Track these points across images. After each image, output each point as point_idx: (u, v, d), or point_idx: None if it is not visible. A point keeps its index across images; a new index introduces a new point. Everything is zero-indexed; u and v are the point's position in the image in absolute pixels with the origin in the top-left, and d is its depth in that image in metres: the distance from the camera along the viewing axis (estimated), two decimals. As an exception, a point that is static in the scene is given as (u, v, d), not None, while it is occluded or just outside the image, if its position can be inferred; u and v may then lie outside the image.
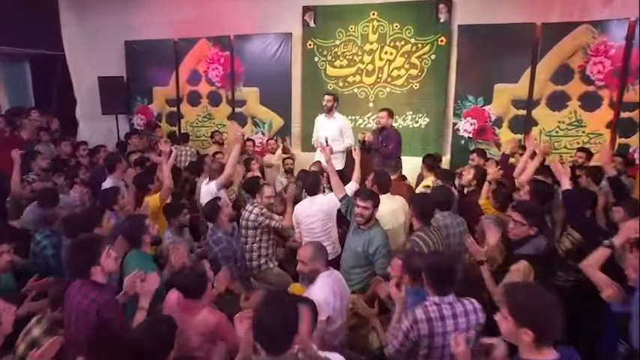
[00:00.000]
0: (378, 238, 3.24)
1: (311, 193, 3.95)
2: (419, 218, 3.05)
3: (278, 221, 3.95)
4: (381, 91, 6.54)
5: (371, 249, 3.23)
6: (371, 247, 3.23)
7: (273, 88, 6.85)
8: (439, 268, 2.21)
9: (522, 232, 2.60)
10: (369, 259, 3.26)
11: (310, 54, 6.66)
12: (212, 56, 6.99)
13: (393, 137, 5.30)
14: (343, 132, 5.47)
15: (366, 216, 3.28)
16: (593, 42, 5.54)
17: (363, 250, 3.26)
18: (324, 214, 3.87)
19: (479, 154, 5.21)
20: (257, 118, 7.10)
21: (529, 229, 2.59)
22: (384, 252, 3.21)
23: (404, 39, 6.27)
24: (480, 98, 6.07)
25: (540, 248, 2.56)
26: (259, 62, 6.83)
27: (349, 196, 3.67)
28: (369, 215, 3.27)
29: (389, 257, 3.23)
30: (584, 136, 5.81)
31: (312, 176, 4.04)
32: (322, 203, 3.88)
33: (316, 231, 3.89)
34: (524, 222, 2.59)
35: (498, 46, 5.87)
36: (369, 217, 3.28)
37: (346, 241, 3.51)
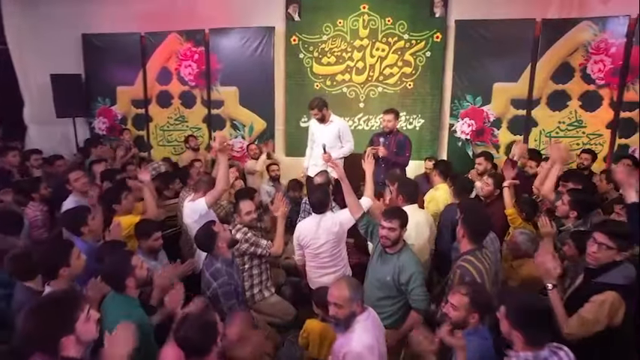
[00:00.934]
0: (411, 265, 2.77)
1: (318, 210, 3.42)
2: (471, 239, 2.59)
3: (265, 248, 3.41)
4: (372, 91, 6.09)
5: (403, 278, 2.76)
6: (403, 275, 2.76)
7: (254, 87, 6.25)
8: (533, 312, 1.76)
9: (608, 257, 2.20)
10: (401, 290, 2.79)
11: (295, 50, 6.11)
12: (184, 52, 6.29)
13: (407, 143, 4.84)
14: (342, 136, 4.96)
15: (392, 238, 2.81)
16: (594, 39, 5.34)
17: (393, 279, 2.78)
18: (334, 237, 3.36)
19: (486, 157, 4.88)
20: (236, 121, 6.46)
21: (616, 254, 2.19)
22: (419, 280, 2.75)
23: (397, 35, 5.85)
24: (478, 98, 5.75)
25: (630, 277, 2.16)
26: (238, 59, 6.21)
27: (369, 216, 3.18)
28: (396, 237, 2.81)
29: (424, 286, 2.78)
30: (585, 137, 5.61)
31: (320, 191, 3.50)
32: (332, 224, 3.36)
33: (324, 256, 3.38)
34: (612, 245, 2.18)
35: (497, 43, 5.56)
36: (396, 239, 2.82)
37: (370, 267, 3.02)
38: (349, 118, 6.20)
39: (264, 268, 3.58)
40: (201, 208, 3.46)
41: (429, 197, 4.26)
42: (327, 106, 4.92)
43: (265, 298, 3.54)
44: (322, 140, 4.92)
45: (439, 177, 4.28)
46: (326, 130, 4.97)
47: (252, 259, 3.47)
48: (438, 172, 4.26)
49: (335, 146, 4.96)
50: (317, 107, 4.84)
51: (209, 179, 3.79)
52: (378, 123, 6.12)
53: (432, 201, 4.18)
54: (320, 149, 4.92)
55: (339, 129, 4.96)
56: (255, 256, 3.43)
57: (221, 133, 4.18)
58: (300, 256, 3.56)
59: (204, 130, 6.56)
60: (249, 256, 3.44)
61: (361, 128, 6.18)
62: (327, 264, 3.37)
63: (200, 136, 6.49)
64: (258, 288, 3.52)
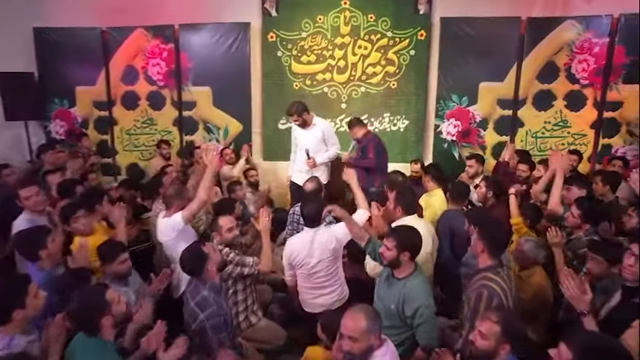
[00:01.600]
0: (419, 295, 2.41)
1: (312, 224, 3.09)
2: (492, 254, 2.33)
3: (252, 267, 3.06)
4: (354, 91, 5.81)
5: (408, 309, 2.40)
6: (408, 306, 2.40)
7: (229, 87, 5.84)
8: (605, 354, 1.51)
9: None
10: (406, 322, 2.46)
11: (272, 48, 5.75)
12: (152, 50, 5.79)
13: (369, 145, 4.62)
14: (326, 139, 4.66)
15: (387, 258, 2.51)
16: (578, 39, 5.28)
17: (398, 309, 2.44)
18: (330, 254, 3.04)
19: (477, 160, 4.71)
20: (210, 123, 6.03)
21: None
22: (426, 315, 2.39)
23: (380, 32, 5.60)
24: (464, 98, 5.59)
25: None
26: (211, 57, 5.77)
27: (373, 239, 2.87)
28: (391, 258, 2.49)
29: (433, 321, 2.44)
30: (570, 137, 5.56)
31: (313, 202, 3.17)
32: (328, 240, 3.04)
33: (319, 275, 3.06)
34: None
35: (483, 42, 5.41)
36: (393, 261, 2.50)
37: (376, 289, 2.72)
38: (331, 119, 5.88)
39: (250, 291, 3.21)
40: (178, 224, 3.06)
41: (424, 204, 4.01)
42: (308, 109, 4.60)
43: (252, 324, 3.18)
44: (306, 145, 4.61)
45: (433, 182, 4.05)
46: (309, 134, 4.65)
47: (237, 282, 3.10)
48: (431, 176, 4.02)
49: (320, 150, 4.66)
50: (296, 113, 4.52)
51: (181, 191, 3.36)
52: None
53: (428, 208, 3.93)
54: (303, 154, 4.61)
55: (323, 132, 4.66)
56: (242, 277, 3.07)
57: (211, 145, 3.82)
58: (291, 277, 3.20)
59: (174, 133, 6.08)
60: (234, 280, 3.07)
61: (343, 130, 5.87)
62: (323, 284, 3.05)
63: (171, 140, 6.01)
64: (244, 315, 3.15)
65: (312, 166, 4.54)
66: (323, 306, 3.06)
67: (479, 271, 2.35)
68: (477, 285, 2.27)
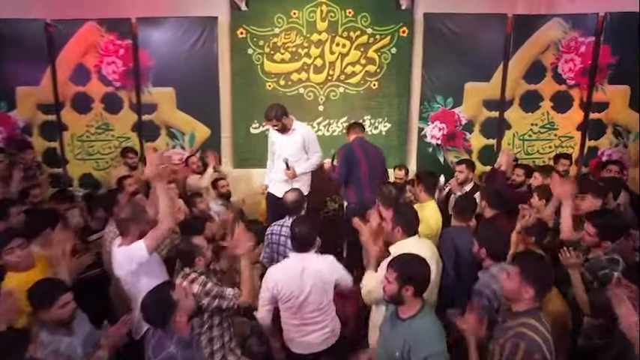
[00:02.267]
0: (429, 341, 1.99)
1: (303, 248, 2.64)
2: (537, 293, 1.93)
3: (232, 299, 2.57)
4: (332, 92, 5.39)
5: (415, 358, 1.97)
6: (415, 355, 1.97)
7: (195, 88, 5.27)
8: None
9: None
10: None
11: (242, 45, 5.24)
12: (105, 46, 5.15)
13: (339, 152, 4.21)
14: (307, 146, 4.21)
15: (387, 292, 2.10)
16: (565, 37, 5.08)
17: (402, 356, 2.01)
18: (322, 285, 2.59)
19: (468, 165, 4.40)
20: (174, 128, 5.44)
21: None
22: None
23: (359, 28, 5.20)
24: (449, 99, 5.28)
25: None
26: (174, 55, 5.19)
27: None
28: (392, 292, 2.08)
29: None
30: (556, 140, 5.36)
31: (307, 222, 2.70)
32: (323, 270, 2.60)
33: (310, 309, 2.60)
34: None
35: (468, 39, 5.12)
36: (394, 296, 2.09)
37: (380, 328, 2.29)
38: (308, 122, 5.40)
39: (227, 325, 2.73)
40: (139, 255, 2.54)
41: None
42: (287, 113, 4.14)
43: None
44: (284, 152, 4.15)
45: (425, 193, 3.67)
46: (288, 140, 4.19)
47: (213, 316, 2.61)
48: (424, 187, 3.64)
49: (300, 159, 4.21)
50: (275, 117, 4.05)
51: (138, 214, 2.81)
52: (341, 128, 5.45)
53: (421, 222, 3.55)
54: (282, 163, 4.16)
55: (304, 138, 4.21)
56: (220, 310, 2.59)
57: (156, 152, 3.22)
58: (268, 312, 2.67)
59: (134, 139, 5.45)
60: (210, 314, 2.59)
61: (321, 134, 5.46)
62: (315, 319, 2.60)
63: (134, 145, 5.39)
64: (220, 354, 2.67)
65: (292, 176, 4.09)
66: (313, 344, 2.62)
67: (514, 314, 1.95)
68: (512, 333, 1.88)
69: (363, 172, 4.08)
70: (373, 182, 3.93)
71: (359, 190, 4.08)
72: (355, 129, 4.29)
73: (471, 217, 3.38)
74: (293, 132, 4.16)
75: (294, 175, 4.07)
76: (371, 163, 4.11)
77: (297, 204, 3.38)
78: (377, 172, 4.13)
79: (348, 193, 4.21)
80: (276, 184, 4.27)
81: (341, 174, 4.09)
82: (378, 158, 4.24)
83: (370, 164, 4.11)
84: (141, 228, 2.68)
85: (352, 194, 4.12)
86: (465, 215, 3.33)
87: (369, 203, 3.80)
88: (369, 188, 3.99)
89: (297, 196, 3.40)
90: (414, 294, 2.07)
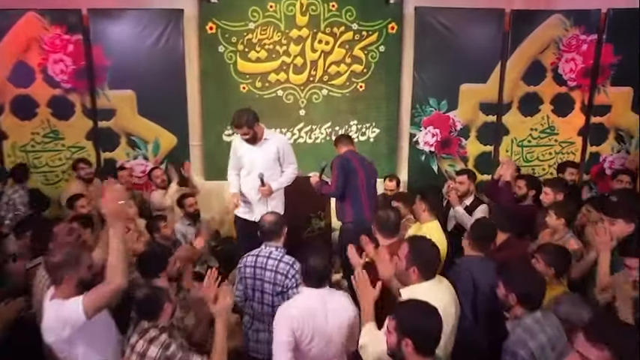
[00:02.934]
0: None
1: (319, 283, 2.17)
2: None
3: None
4: (315, 94, 4.85)
5: None
6: None
7: (158, 91, 4.63)
8: None
9: None
10: None
11: (212, 41, 4.63)
12: (51, 41, 4.44)
13: (334, 163, 3.63)
14: (282, 157, 3.62)
15: (389, 345, 1.69)
16: (566, 35, 4.69)
17: None
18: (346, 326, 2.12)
19: (470, 176, 3.94)
20: (135, 136, 4.78)
21: None
22: None
23: (344, 24, 4.68)
24: (443, 102, 4.82)
25: None
26: (134, 53, 4.54)
27: None
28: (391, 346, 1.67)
29: None
30: (557, 145, 4.98)
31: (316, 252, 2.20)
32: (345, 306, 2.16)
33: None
34: None
35: (464, 37, 4.68)
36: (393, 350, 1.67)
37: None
38: (287, 129, 4.90)
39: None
40: (74, 319, 1.91)
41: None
42: (258, 119, 3.53)
43: None
44: (256, 167, 3.54)
45: (428, 213, 3.17)
46: (259, 152, 3.56)
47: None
48: (428, 206, 3.13)
49: (274, 173, 3.61)
50: (247, 124, 3.41)
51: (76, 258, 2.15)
52: (324, 135, 4.92)
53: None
54: (253, 179, 3.56)
55: (279, 149, 3.60)
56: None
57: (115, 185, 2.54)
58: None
59: (89, 149, 4.76)
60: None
61: (302, 141, 4.92)
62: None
63: (87, 155, 4.71)
64: None
65: (268, 194, 3.51)
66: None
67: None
68: None
69: (361, 185, 3.54)
70: (372, 198, 3.42)
71: (357, 207, 3.54)
72: (344, 141, 3.76)
73: (490, 245, 2.88)
74: (265, 142, 3.55)
75: (270, 192, 3.50)
76: (369, 176, 3.58)
77: (277, 228, 2.82)
78: (373, 187, 3.61)
79: (344, 209, 3.65)
80: (247, 206, 3.66)
81: (338, 187, 3.54)
82: (374, 172, 3.73)
83: (368, 177, 3.58)
84: (80, 275, 2.06)
85: (349, 211, 3.57)
86: (483, 243, 2.82)
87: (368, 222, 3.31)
88: (368, 205, 3.47)
89: (275, 218, 2.83)
90: (414, 349, 1.59)
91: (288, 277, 2.64)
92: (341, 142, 3.81)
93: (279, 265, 2.66)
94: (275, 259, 2.70)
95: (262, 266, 2.70)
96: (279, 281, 2.65)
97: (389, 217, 2.68)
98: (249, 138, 3.46)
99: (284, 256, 2.72)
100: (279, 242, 2.79)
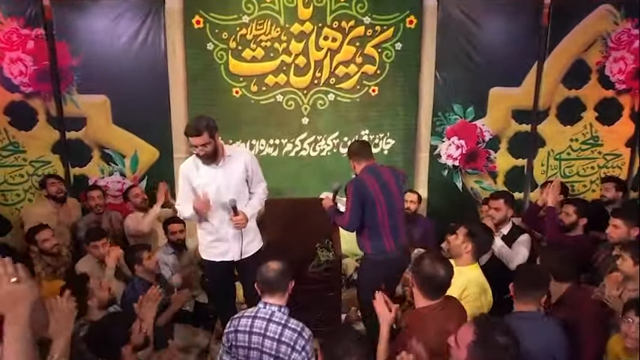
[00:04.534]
0: None
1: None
2: None
3: None
4: (320, 99, 4.16)
5: None
6: None
7: (136, 96, 3.95)
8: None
9: None
10: None
11: (200, 38, 3.94)
12: (6, 37, 3.76)
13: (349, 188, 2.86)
14: (251, 175, 2.92)
15: None
16: (615, 30, 4.02)
17: None
18: None
19: (506, 200, 3.28)
20: (109, 149, 4.09)
21: None
22: None
23: (354, 17, 3.99)
24: (470, 109, 4.14)
25: None
26: (106, 51, 3.85)
27: None
28: None
29: None
30: (601, 158, 4.30)
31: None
32: None
33: None
34: None
35: (494, 32, 4.01)
36: None
37: None
38: (288, 140, 4.22)
39: None
40: None
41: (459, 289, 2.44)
42: (217, 128, 2.78)
43: None
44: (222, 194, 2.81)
45: (472, 255, 2.50)
46: (223, 174, 2.83)
47: None
48: (475, 247, 2.46)
49: (242, 197, 2.90)
50: (207, 130, 2.63)
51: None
52: (331, 146, 4.24)
53: (464, 300, 2.37)
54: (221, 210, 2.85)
55: (246, 166, 2.88)
56: None
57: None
58: None
59: (56, 164, 4.07)
60: None
61: (305, 154, 4.24)
62: None
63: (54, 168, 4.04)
64: None
65: (244, 224, 2.81)
66: None
67: None
68: None
69: (382, 214, 2.81)
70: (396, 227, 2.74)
71: (377, 239, 2.84)
72: (362, 153, 2.94)
73: (542, 297, 2.22)
74: (228, 160, 2.84)
75: (246, 221, 2.80)
76: (392, 200, 2.85)
77: (283, 279, 2.15)
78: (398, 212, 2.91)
79: (363, 242, 2.96)
80: (219, 245, 2.94)
81: (352, 220, 2.80)
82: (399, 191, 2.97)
83: (391, 201, 2.84)
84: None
85: (367, 244, 2.88)
86: (535, 294, 2.18)
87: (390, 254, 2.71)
88: (391, 235, 2.79)
89: (282, 267, 2.15)
90: None
91: (295, 349, 2.01)
92: (359, 155, 2.94)
93: (283, 333, 2.03)
94: (278, 324, 2.05)
95: (261, 332, 2.06)
96: (283, 354, 2.01)
97: (436, 274, 1.99)
98: (209, 152, 2.70)
99: (289, 319, 2.07)
100: (282, 300, 2.13)
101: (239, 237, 2.86)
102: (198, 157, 2.73)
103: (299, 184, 4.20)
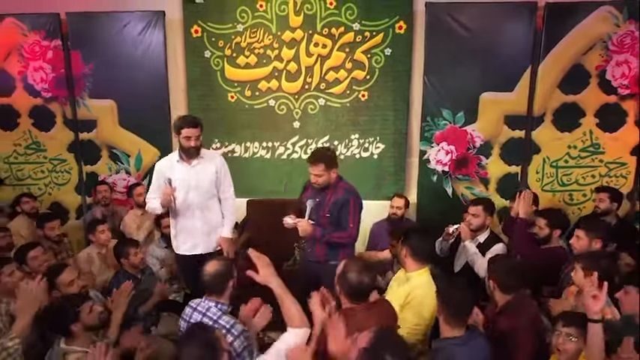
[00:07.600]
0: None
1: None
2: None
3: None
4: (311, 104, 4.28)
5: None
6: None
7: (140, 100, 4.28)
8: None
9: None
10: None
11: (198, 46, 4.21)
12: (30, 48, 4.21)
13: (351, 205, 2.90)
14: (220, 179, 3.09)
15: None
16: (617, 32, 3.81)
17: None
18: None
19: (486, 207, 3.25)
20: (117, 149, 4.46)
21: None
22: None
23: (343, 24, 4.08)
24: (460, 114, 4.08)
25: None
26: (112, 59, 4.21)
27: None
28: None
29: None
30: (602, 167, 4.09)
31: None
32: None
33: None
34: None
35: (486, 37, 3.93)
36: None
37: None
38: (279, 143, 4.38)
39: None
40: None
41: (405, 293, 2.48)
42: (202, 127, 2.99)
43: None
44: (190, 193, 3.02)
45: (414, 259, 2.52)
46: (195, 174, 3.01)
47: None
48: (409, 249, 2.48)
49: (211, 199, 3.08)
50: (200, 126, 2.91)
51: None
52: (322, 150, 4.33)
53: (407, 305, 2.41)
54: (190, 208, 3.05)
55: (217, 169, 3.06)
56: None
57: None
58: None
59: (71, 162, 4.50)
60: None
61: (297, 157, 4.38)
62: None
63: (64, 172, 4.46)
64: None
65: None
66: None
67: None
68: None
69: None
70: None
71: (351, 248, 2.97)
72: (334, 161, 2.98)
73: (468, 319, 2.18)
74: (201, 161, 3.02)
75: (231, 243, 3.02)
76: None
77: (220, 281, 2.30)
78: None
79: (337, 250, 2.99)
80: (187, 239, 3.11)
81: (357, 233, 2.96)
82: None
83: None
84: None
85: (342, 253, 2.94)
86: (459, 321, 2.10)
87: None
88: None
89: (220, 269, 2.30)
90: None
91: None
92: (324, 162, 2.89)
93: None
94: (210, 319, 2.21)
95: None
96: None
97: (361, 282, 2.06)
98: (198, 145, 2.93)
99: (222, 316, 2.21)
100: (221, 298, 2.29)
101: (208, 231, 3.05)
102: (183, 151, 2.94)
103: (290, 186, 4.34)
